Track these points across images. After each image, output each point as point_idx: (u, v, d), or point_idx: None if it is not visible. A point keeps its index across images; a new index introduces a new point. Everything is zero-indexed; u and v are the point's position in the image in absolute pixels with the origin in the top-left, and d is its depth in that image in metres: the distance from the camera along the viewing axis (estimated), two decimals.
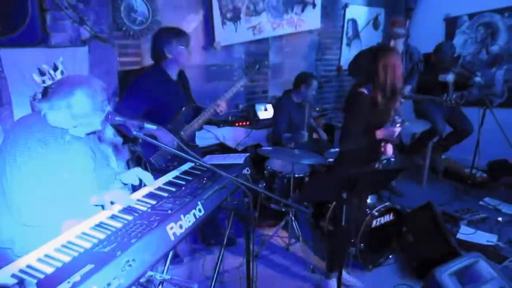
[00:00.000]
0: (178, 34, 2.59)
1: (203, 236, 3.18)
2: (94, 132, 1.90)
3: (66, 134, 1.71)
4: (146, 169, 2.45)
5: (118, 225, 1.51)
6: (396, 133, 2.44)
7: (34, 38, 2.73)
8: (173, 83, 2.68)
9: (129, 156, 3.13)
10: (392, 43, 3.73)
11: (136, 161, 2.72)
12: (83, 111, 1.67)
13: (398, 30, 3.72)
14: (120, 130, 2.70)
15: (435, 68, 4.19)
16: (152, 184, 1.90)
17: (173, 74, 2.68)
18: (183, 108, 2.69)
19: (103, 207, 1.68)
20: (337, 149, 3.09)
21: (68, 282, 1.12)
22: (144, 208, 1.66)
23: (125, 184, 1.99)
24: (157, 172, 2.35)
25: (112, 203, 1.66)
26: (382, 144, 2.56)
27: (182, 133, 2.69)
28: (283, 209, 3.22)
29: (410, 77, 4.09)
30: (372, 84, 2.40)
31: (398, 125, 2.41)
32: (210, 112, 2.74)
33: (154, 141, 1.72)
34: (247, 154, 2.46)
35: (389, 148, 2.62)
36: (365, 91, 2.43)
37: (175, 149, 1.70)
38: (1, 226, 1.67)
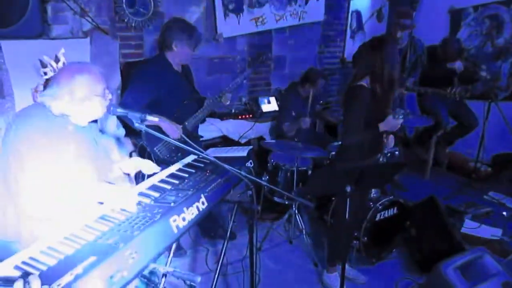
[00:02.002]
0: (191, 35, 2.56)
1: (203, 229, 3.18)
2: (96, 122, 1.89)
3: (68, 123, 1.71)
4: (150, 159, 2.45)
5: (121, 217, 1.50)
6: (399, 125, 2.42)
7: (35, 30, 2.71)
8: (176, 73, 2.66)
9: (132, 148, 3.12)
10: (399, 34, 3.68)
11: (139, 152, 2.71)
12: (84, 96, 1.66)
13: (405, 22, 3.67)
14: (124, 121, 2.69)
15: (441, 61, 4.14)
16: (152, 170, 1.89)
17: (176, 65, 2.66)
18: (187, 99, 2.68)
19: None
20: (339, 142, 3.07)
21: (71, 274, 1.11)
22: (147, 201, 1.64)
23: (125, 174, 1.98)
24: (162, 163, 2.33)
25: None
26: (384, 136, 2.55)
27: (186, 123, 2.67)
28: (286, 202, 3.21)
29: (413, 70, 4.06)
30: (370, 76, 2.39)
31: (400, 117, 2.39)
32: (214, 103, 2.72)
33: (157, 133, 1.70)
34: (250, 147, 2.45)
35: (391, 140, 2.60)
36: (364, 83, 2.41)
37: (177, 142, 1.69)
38: (7, 219, 1.66)
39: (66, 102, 1.64)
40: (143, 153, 2.64)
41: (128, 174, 2.00)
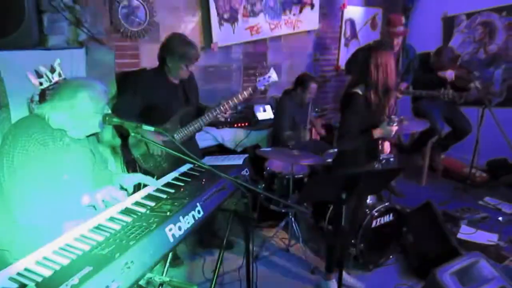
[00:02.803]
0: (184, 53, 2.52)
1: (199, 238, 3.17)
2: (93, 134, 1.89)
3: (65, 136, 1.71)
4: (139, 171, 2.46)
5: (117, 227, 1.50)
6: (393, 132, 2.44)
7: (31, 40, 2.71)
8: (172, 85, 2.67)
9: (127, 158, 3.12)
10: (395, 41, 3.72)
11: (133, 162, 2.71)
12: (85, 113, 1.67)
13: (398, 29, 3.71)
14: (119, 131, 2.70)
15: (433, 69, 4.18)
16: (156, 186, 1.89)
17: (174, 77, 2.67)
18: (179, 111, 2.68)
19: (95, 207, 1.66)
20: (335, 150, 3.08)
21: (66, 285, 1.11)
22: (143, 210, 1.64)
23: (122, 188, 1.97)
24: (145, 173, 2.34)
25: (103, 201, 1.64)
26: (380, 142, 2.56)
27: (175, 135, 2.67)
28: (283, 210, 3.21)
29: (406, 74, 4.09)
30: (365, 83, 2.41)
31: (395, 124, 2.41)
32: (209, 117, 2.71)
33: (153, 141, 1.71)
34: (246, 155, 2.46)
35: (387, 147, 2.62)
36: (359, 90, 2.43)
37: (174, 151, 1.69)
38: (0, 228, 1.65)
39: (66, 116, 1.65)
40: (129, 160, 2.65)
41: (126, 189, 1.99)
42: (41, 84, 2.80)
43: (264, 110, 4.38)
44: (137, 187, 1.94)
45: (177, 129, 2.67)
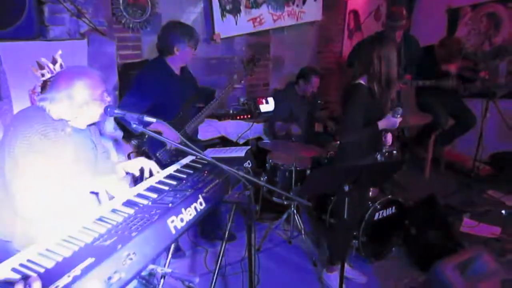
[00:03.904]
0: (191, 35, 2.59)
1: (203, 230, 3.17)
2: (94, 124, 1.89)
3: (67, 126, 1.70)
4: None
5: (119, 218, 1.49)
6: (398, 124, 2.43)
7: (32, 32, 2.70)
8: (176, 77, 2.66)
9: (130, 149, 3.11)
10: (396, 34, 3.71)
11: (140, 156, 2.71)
12: (83, 101, 1.66)
13: (400, 23, 3.69)
14: (122, 124, 2.70)
15: (438, 61, 4.14)
16: (159, 170, 1.89)
17: (176, 68, 2.66)
18: (187, 102, 2.68)
19: (97, 195, 1.67)
20: (338, 142, 3.07)
21: (68, 276, 1.11)
22: (145, 202, 1.64)
23: (127, 174, 1.97)
24: (161, 167, 2.34)
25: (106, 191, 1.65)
26: (383, 134, 2.55)
27: (186, 128, 2.67)
28: (285, 202, 3.21)
29: (409, 65, 4.07)
30: (368, 74, 2.39)
31: (399, 115, 2.39)
32: (215, 104, 2.71)
33: (157, 135, 1.70)
34: (248, 147, 2.45)
35: (389, 138, 2.60)
36: (362, 82, 2.42)
37: (177, 144, 1.68)
38: (2, 218, 1.66)
39: (65, 106, 1.64)
40: (147, 157, 2.65)
41: (132, 174, 1.98)
42: (42, 75, 2.78)
43: (267, 103, 4.36)
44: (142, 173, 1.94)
45: (187, 121, 2.68)
